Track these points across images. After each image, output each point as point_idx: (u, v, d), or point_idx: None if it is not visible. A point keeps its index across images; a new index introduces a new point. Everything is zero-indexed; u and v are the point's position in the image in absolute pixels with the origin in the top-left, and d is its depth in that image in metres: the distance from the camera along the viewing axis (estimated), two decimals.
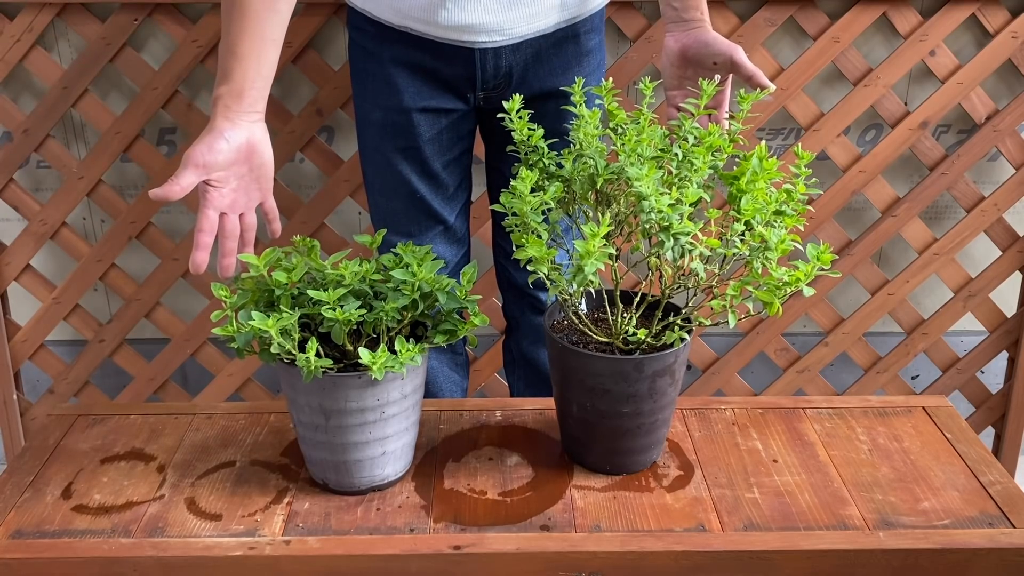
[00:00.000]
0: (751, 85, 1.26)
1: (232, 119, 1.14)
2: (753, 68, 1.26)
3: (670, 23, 1.33)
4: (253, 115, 1.16)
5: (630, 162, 1.07)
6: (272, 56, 1.17)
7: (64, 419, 1.30)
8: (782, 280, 1.05)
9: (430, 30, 1.35)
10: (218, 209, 1.15)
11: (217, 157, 1.13)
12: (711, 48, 1.28)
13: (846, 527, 1.08)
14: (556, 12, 1.38)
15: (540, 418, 1.30)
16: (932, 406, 1.32)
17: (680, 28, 1.32)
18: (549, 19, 1.38)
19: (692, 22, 1.31)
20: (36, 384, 2.15)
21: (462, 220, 1.58)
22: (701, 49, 1.29)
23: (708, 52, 1.29)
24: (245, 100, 1.14)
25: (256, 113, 1.16)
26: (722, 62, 1.27)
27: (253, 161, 1.17)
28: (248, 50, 1.14)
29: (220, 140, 1.13)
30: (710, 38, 1.30)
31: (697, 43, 1.30)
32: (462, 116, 1.46)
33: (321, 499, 1.14)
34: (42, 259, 2.03)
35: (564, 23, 1.40)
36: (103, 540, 1.07)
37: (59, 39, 1.85)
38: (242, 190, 1.17)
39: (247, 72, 1.14)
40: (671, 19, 1.33)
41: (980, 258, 2.05)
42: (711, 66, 1.29)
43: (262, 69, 1.16)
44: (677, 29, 1.32)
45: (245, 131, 1.15)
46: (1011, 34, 1.81)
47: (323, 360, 1.05)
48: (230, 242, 1.18)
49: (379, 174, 1.51)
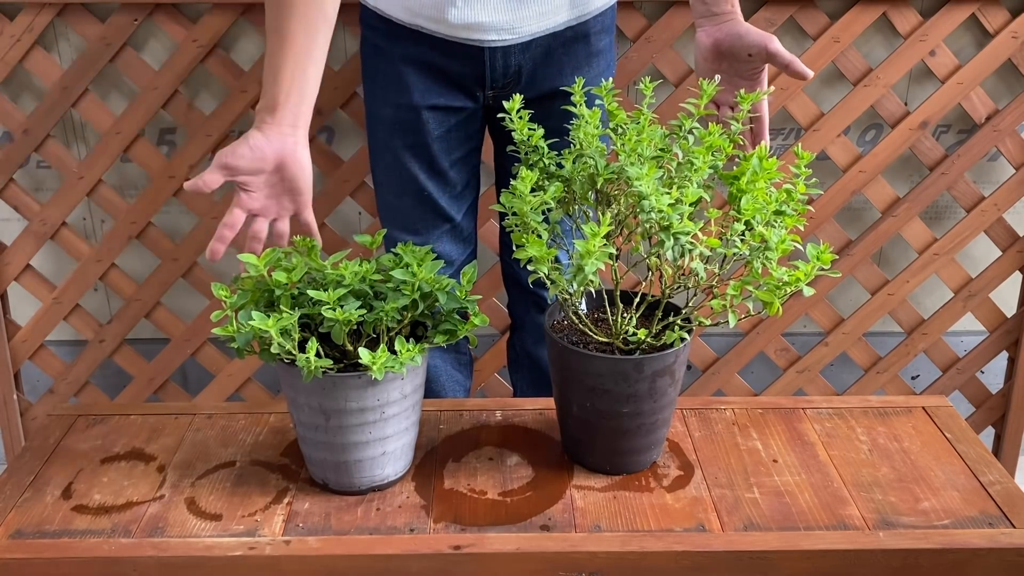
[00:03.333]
0: (788, 73, 1.26)
1: (264, 130, 1.18)
2: (789, 56, 1.26)
3: (700, 18, 1.32)
4: (287, 128, 1.19)
5: (630, 162, 1.07)
6: (311, 72, 1.20)
7: (64, 419, 1.30)
8: (782, 280, 1.05)
9: (440, 28, 1.35)
10: (246, 210, 1.20)
11: (239, 162, 1.17)
12: (745, 40, 1.27)
13: (846, 527, 1.08)
14: (566, 10, 1.38)
15: (540, 418, 1.30)
16: (932, 406, 1.32)
17: (711, 22, 1.31)
18: (559, 17, 1.38)
19: (723, 15, 1.30)
20: (36, 384, 2.15)
21: (469, 219, 1.58)
22: (735, 42, 1.28)
23: (742, 44, 1.28)
24: (278, 113, 1.18)
25: (291, 127, 1.19)
26: (757, 53, 1.26)
27: (284, 173, 1.20)
28: (283, 67, 1.18)
29: (244, 146, 1.17)
30: (743, 30, 1.28)
31: (730, 36, 1.29)
32: (471, 115, 1.47)
33: (321, 499, 1.14)
34: (42, 259, 2.03)
35: (574, 20, 1.40)
36: (103, 540, 1.07)
37: (59, 39, 1.85)
38: (274, 198, 1.22)
39: (281, 87, 1.18)
40: (701, 14, 1.32)
41: (980, 258, 2.05)
42: (746, 58, 1.28)
43: (296, 83, 1.18)
44: (708, 24, 1.31)
45: (276, 143, 1.18)
46: (1011, 34, 1.81)
47: (323, 360, 1.05)
48: (254, 244, 1.22)
49: (388, 171, 1.51)
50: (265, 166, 1.18)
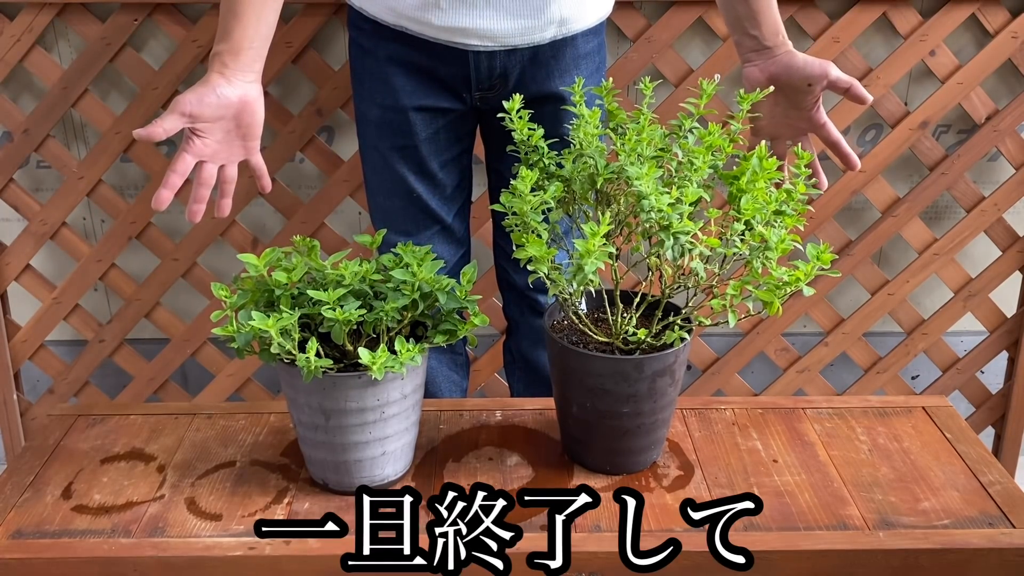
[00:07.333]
0: (848, 97, 1.25)
1: (227, 76, 1.17)
2: (849, 80, 1.25)
3: (750, 52, 1.29)
4: (249, 74, 1.19)
5: (630, 161, 1.07)
6: (271, 17, 1.20)
7: (64, 419, 1.30)
8: (782, 280, 1.05)
9: (424, 30, 1.35)
10: (197, 157, 1.19)
11: (204, 110, 1.16)
12: (805, 70, 1.25)
13: (846, 527, 1.08)
14: (554, 27, 1.36)
15: (540, 418, 1.30)
16: (932, 406, 1.32)
17: (763, 57, 1.28)
18: (545, 33, 1.37)
19: (776, 48, 1.28)
20: (36, 384, 2.15)
21: (461, 220, 1.58)
22: (794, 75, 1.26)
23: (803, 75, 1.25)
24: (242, 58, 1.17)
25: (252, 73, 1.19)
26: (817, 81, 1.25)
27: (243, 119, 1.20)
28: (247, 9, 1.17)
29: (211, 94, 1.16)
30: (799, 61, 1.26)
31: (788, 68, 1.26)
32: (460, 116, 1.46)
33: (321, 499, 1.14)
34: (42, 259, 2.03)
35: (560, 36, 1.39)
36: (103, 540, 1.07)
37: (59, 39, 1.85)
38: (226, 143, 1.20)
39: (246, 31, 1.17)
40: (751, 48, 1.29)
41: (980, 258, 2.05)
42: (806, 88, 1.26)
43: (260, 28, 1.19)
44: (760, 59, 1.29)
45: (239, 89, 1.18)
46: (1011, 34, 1.81)
47: (323, 360, 1.05)
48: (203, 189, 1.20)
49: (376, 172, 1.51)
50: (227, 113, 1.18)
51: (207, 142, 1.18)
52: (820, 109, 1.29)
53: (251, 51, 1.18)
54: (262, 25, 1.19)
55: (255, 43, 1.18)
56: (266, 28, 1.20)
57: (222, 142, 1.20)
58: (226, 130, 1.19)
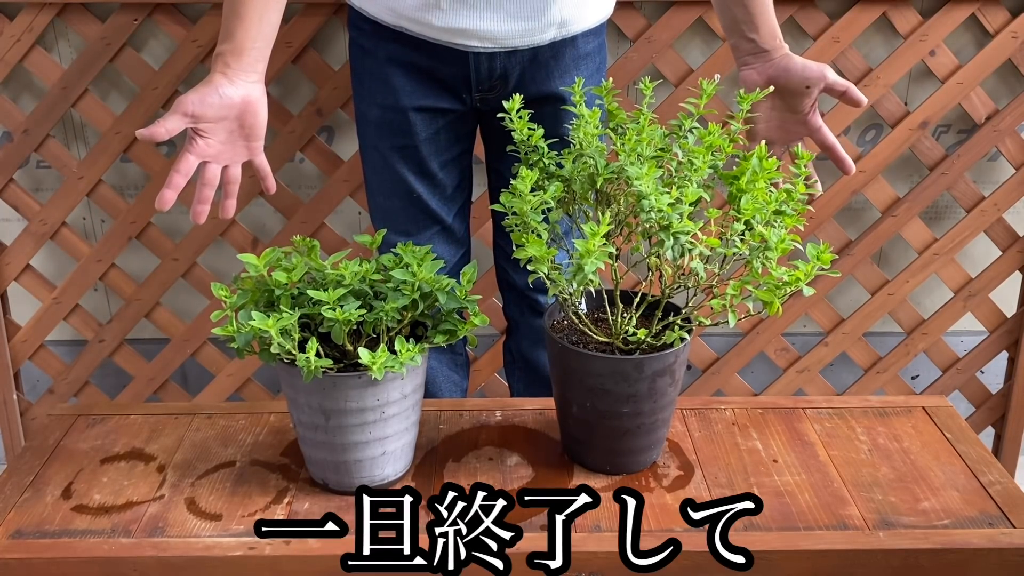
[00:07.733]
0: (844, 100, 1.26)
1: (230, 76, 1.17)
2: (845, 83, 1.26)
3: (747, 55, 1.30)
4: (252, 75, 1.19)
5: (630, 162, 1.07)
6: (274, 17, 1.20)
7: (64, 419, 1.30)
8: (782, 280, 1.05)
9: (424, 31, 1.35)
10: (200, 157, 1.19)
11: (207, 110, 1.16)
12: (803, 73, 1.26)
13: (846, 527, 1.08)
14: (554, 29, 1.36)
15: (540, 418, 1.30)
16: (932, 406, 1.32)
17: (760, 60, 1.29)
18: (546, 35, 1.37)
19: (773, 51, 1.29)
20: (36, 384, 2.15)
21: (461, 221, 1.58)
22: (792, 77, 1.27)
23: (800, 77, 1.26)
24: (245, 59, 1.18)
25: (255, 73, 1.19)
26: (815, 84, 1.26)
27: (246, 120, 1.20)
28: (250, 10, 1.17)
29: (214, 94, 1.16)
30: (796, 63, 1.27)
31: (786, 72, 1.27)
32: (460, 117, 1.46)
33: (321, 499, 1.14)
34: (42, 259, 2.03)
35: (559, 38, 1.39)
36: (103, 540, 1.07)
37: (59, 39, 1.85)
38: (229, 144, 1.20)
39: (248, 31, 1.17)
40: (747, 51, 1.30)
41: (980, 258, 2.05)
42: (803, 90, 1.27)
43: (263, 29, 1.19)
44: (758, 62, 1.29)
45: (242, 89, 1.18)
46: (1011, 34, 1.81)
47: (323, 360, 1.05)
48: (207, 190, 1.20)
49: (376, 172, 1.51)
50: (230, 114, 1.18)
51: (210, 142, 1.18)
52: (816, 113, 1.30)
53: (254, 51, 1.18)
54: (264, 25, 1.19)
55: (258, 43, 1.18)
56: (269, 28, 1.20)
57: (225, 142, 1.20)
58: (229, 130, 1.19)
